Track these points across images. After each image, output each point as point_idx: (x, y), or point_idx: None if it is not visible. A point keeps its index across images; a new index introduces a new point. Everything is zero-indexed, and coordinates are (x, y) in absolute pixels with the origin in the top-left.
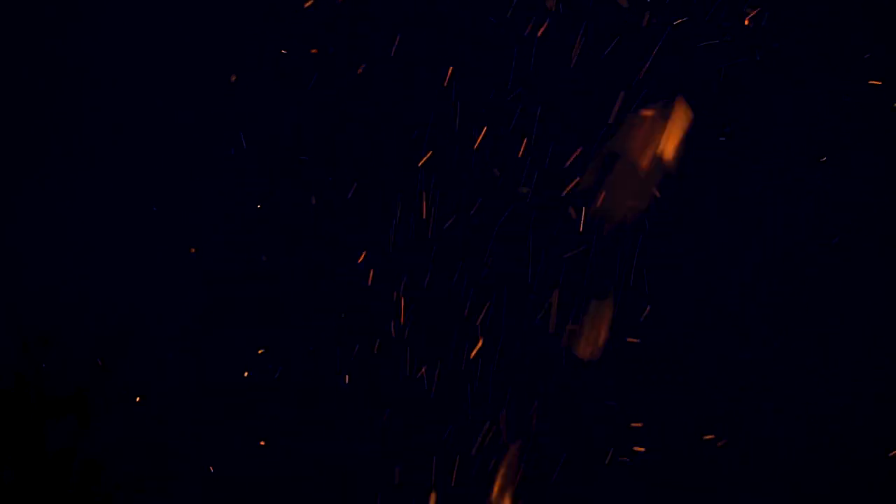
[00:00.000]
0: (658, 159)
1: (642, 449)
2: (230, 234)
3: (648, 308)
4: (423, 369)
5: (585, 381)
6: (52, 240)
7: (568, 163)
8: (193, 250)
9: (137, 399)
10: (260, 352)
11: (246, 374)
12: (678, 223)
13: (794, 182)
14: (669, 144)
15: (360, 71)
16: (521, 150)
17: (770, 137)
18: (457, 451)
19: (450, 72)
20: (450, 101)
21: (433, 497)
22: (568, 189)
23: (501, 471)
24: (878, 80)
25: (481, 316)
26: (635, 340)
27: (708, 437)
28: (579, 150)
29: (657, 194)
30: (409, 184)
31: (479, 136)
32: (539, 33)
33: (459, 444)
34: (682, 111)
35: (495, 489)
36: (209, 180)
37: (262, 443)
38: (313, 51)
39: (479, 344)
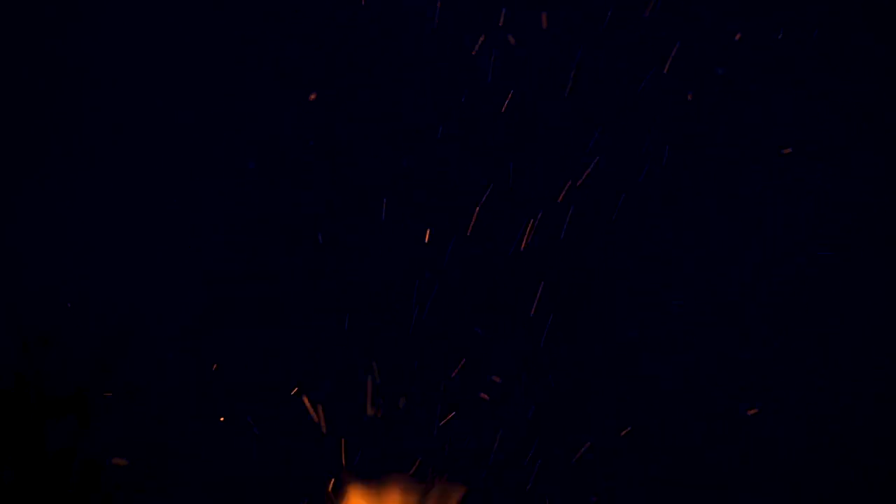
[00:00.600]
0: None
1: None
2: (230, 234)
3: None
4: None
5: (585, 381)
6: (52, 240)
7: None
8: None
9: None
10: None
11: (244, 374)
12: (678, 222)
13: (794, 182)
14: None
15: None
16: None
17: (770, 137)
18: (457, 450)
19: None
20: (450, 102)
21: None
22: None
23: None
24: (879, 80)
25: (483, 316)
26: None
27: (751, 411)
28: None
29: None
30: (410, 184)
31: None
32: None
33: (459, 444)
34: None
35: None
36: (209, 180)
37: (222, 418)
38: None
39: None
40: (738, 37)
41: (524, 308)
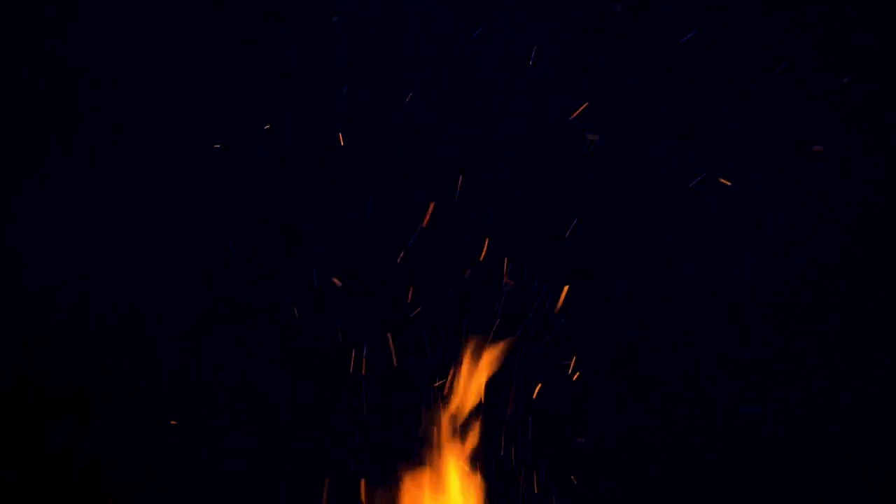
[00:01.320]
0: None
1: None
2: (230, 234)
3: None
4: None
5: (585, 380)
6: (52, 240)
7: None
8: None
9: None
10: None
11: (244, 375)
12: (678, 222)
13: (794, 182)
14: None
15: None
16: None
17: (770, 137)
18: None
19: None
20: (450, 102)
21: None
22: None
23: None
24: (879, 80)
25: (482, 316)
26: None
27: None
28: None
29: None
30: (410, 183)
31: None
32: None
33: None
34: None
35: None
36: (209, 180)
37: (207, 428)
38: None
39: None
40: (738, 36)
41: (525, 308)
